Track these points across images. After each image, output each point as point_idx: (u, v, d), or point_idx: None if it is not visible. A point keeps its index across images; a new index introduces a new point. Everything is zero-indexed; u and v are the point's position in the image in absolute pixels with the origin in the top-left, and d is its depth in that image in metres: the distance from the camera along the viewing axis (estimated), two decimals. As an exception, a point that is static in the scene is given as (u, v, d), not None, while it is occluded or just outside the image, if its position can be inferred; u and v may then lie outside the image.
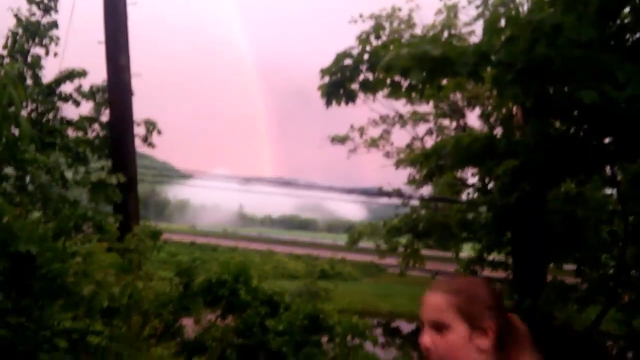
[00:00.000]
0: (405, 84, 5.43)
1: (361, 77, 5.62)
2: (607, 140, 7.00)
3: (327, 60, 5.66)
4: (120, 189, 8.16)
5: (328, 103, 5.77)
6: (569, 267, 11.64)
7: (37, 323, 5.46)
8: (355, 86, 5.79)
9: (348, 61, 5.55)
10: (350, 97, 5.76)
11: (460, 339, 1.45)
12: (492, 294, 1.57)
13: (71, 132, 9.46)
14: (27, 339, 5.33)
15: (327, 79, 5.69)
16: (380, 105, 18.83)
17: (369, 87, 5.70)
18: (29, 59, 8.38)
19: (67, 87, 9.28)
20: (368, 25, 17.50)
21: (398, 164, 20.47)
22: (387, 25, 18.20)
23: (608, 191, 11.28)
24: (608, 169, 8.48)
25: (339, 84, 5.61)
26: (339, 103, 5.77)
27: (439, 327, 1.47)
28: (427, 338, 1.49)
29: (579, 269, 10.27)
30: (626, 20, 6.00)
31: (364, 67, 5.54)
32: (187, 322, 8.60)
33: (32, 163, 6.51)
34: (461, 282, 1.59)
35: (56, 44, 8.72)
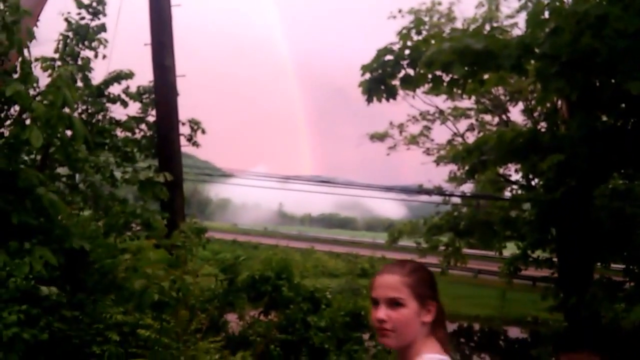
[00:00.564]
0: (447, 78, 5.41)
1: (402, 72, 5.63)
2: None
3: (365, 58, 5.68)
4: (167, 187, 8.36)
5: (369, 99, 5.78)
6: (617, 266, 11.31)
7: (90, 316, 5.67)
8: (395, 82, 5.79)
9: (389, 57, 5.56)
10: (391, 93, 5.77)
11: (412, 313, 1.67)
12: (434, 279, 1.80)
13: (119, 132, 9.75)
14: (81, 331, 5.55)
15: (367, 75, 5.72)
16: (419, 101, 18.67)
17: (410, 83, 5.70)
18: (79, 62, 8.66)
19: (115, 89, 9.56)
20: (407, 20, 17.49)
21: (438, 160, 20.27)
22: (427, 19, 18.10)
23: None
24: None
25: (380, 80, 5.62)
26: (379, 99, 5.78)
27: (394, 303, 1.67)
28: (382, 312, 1.66)
29: (627, 267, 9.94)
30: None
31: (404, 63, 5.54)
32: (231, 318, 8.77)
33: (85, 162, 6.75)
34: (413, 266, 1.78)
35: (105, 47, 8.98)
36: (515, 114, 18.32)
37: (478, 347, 17.37)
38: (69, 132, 5.88)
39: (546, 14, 5.30)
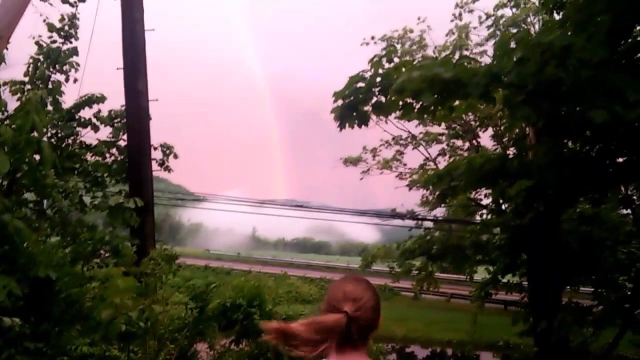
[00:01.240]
0: (417, 105, 5.49)
1: (374, 99, 5.69)
2: (620, 159, 6.97)
3: (339, 83, 5.74)
4: (137, 213, 8.24)
5: (341, 126, 5.82)
6: (586, 289, 11.48)
7: (54, 348, 5.51)
8: (367, 108, 5.85)
9: (361, 84, 5.62)
10: (363, 120, 5.82)
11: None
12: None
13: (90, 157, 9.63)
14: (45, 364, 5.38)
15: (340, 102, 5.76)
16: (392, 126, 18.93)
17: (382, 110, 5.76)
18: (50, 85, 8.57)
19: (86, 113, 9.48)
20: (380, 47, 17.87)
21: (411, 185, 20.45)
22: (398, 46, 18.48)
23: (624, 211, 11.18)
24: (623, 189, 8.41)
25: (352, 107, 5.67)
26: (352, 126, 5.83)
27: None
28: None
29: (596, 291, 10.10)
30: (638, 39, 6.02)
31: (376, 90, 5.61)
32: (202, 347, 8.58)
33: (53, 188, 6.62)
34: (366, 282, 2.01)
35: (76, 71, 8.93)
36: (485, 139, 18.69)
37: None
38: (37, 157, 5.77)
39: (513, 44, 5.44)
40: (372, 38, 19.00)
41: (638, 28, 6.15)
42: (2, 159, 4.84)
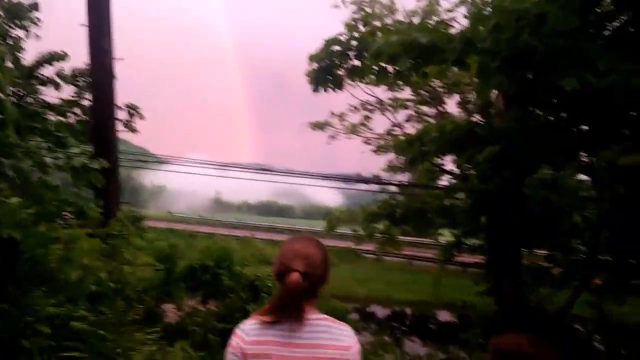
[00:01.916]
0: (392, 70, 5.48)
1: (349, 63, 5.65)
2: (584, 127, 7.16)
3: (307, 47, 5.68)
4: (102, 174, 8.06)
5: (316, 89, 5.78)
6: (541, 252, 11.88)
7: (20, 309, 5.41)
8: (342, 72, 5.81)
9: (336, 47, 5.57)
10: (337, 84, 5.79)
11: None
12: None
13: (51, 116, 9.31)
14: (10, 324, 5.29)
15: (314, 65, 5.70)
16: (360, 91, 18.87)
17: (357, 74, 5.73)
18: (9, 41, 8.20)
19: (47, 71, 9.13)
20: (350, 10, 17.66)
21: (378, 150, 20.59)
22: (369, 10, 18.29)
23: (581, 178, 11.53)
24: (584, 156, 8.65)
25: (327, 70, 5.63)
26: (326, 89, 5.80)
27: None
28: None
29: (551, 254, 10.47)
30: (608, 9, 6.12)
31: (351, 54, 5.57)
32: (169, 308, 8.58)
33: (15, 148, 6.39)
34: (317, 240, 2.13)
35: (37, 26, 8.55)
36: (452, 105, 18.87)
37: (410, 331, 17.87)
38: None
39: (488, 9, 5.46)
40: (343, 1, 18.72)
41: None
42: (-38, 117, 4.65)
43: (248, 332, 1.98)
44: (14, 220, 5.63)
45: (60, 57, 9.08)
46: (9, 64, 8.22)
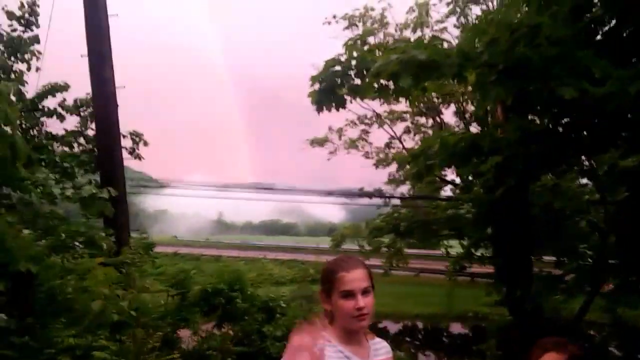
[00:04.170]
0: (393, 87, 5.62)
1: (349, 82, 5.79)
2: (583, 133, 7.27)
3: (300, 64, 5.83)
4: (110, 203, 8.16)
5: (318, 110, 5.91)
6: (549, 258, 11.90)
7: (40, 341, 5.47)
8: (343, 91, 5.95)
9: (337, 67, 5.70)
10: (340, 103, 5.92)
11: (373, 297, 2.03)
12: None
13: (57, 148, 9.43)
14: (32, 358, 5.34)
15: (316, 86, 5.84)
16: (356, 105, 19.04)
17: (358, 92, 5.86)
18: (12, 75, 8.34)
19: (49, 102, 9.26)
20: (342, 26, 17.89)
21: (378, 163, 20.71)
22: (360, 25, 18.53)
23: (583, 182, 11.62)
24: (585, 161, 8.75)
25: (329, 90, 5.75)
26: (329, 109, 5.92)
27: (365, 292, 2.00)
28: (362, 301, 1.98)
29: (558, 260, 10.49)
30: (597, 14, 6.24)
31: (352, 73, 5.70)
32: (184, 334, 8.61)
33: (24, 181, 6.49)
34: (361, 259, 2.17)
35: (38, 59, 8.70)
36: (448, 115, 19.02)
37: (422, 345, 17.80)
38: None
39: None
40: (334, 17, 18.94)
41: (596, 2, 6.37)
42: (-24, 154, 4.75)
43: None
44: (29, 253, 5.70)
45: (62, 88, 9.22)
46: (13, 98, 8.35)
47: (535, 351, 1.96)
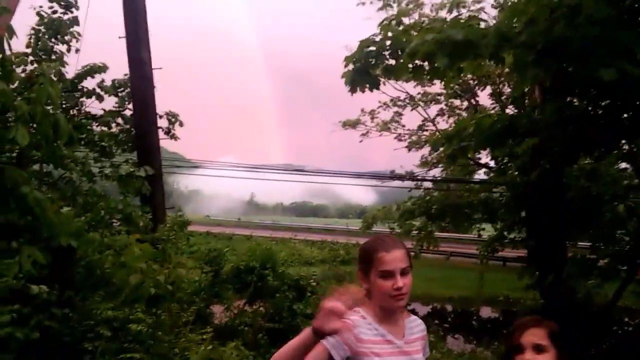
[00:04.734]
0: (428, 67, 5.56)
1: (384, 63, 5.75)
2: (625, 115, 7.08)
3: (334, 45, 5.81)
4: (147, 181, 8.34)
5: (352, 90, 5.89)
6: (584, 244, 11.71)
7: (80, 313, 5.69)
8: (377, 72, 5.91)
9: (371, 48, 5.67)
10: (374, 84, 5.89)
11: (411, 277, 2.07)
12: None
13: (95, 127, 9.65)
14: (72, 328, 5.56)
15: (350, 66, 5.82)
16: (390, 87, 18.82)
17: (392, 73, 5.82)
18: (52, 56, 8.53)
19: (88, 83, 9.45)
20: (376, 6, 17.64)
21: (410, 146, 20.53)
22: (394, 5, 18.23)
23: (622, 166, 11.32)
24: (625, 144, 8.52)
25: (363, 71, 5.73)
26: (363, 90, 5.90)
27: (404, 272, 2.03)
28: (400, 281, 2.00)
29: (594, 245, 10.29)
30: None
31: (386, 53, 5.66)
32: (217, 309, 8.83)
33: (67, 159, 6.69)
34: (400, 239, 2.21)
35: (77, 40, 8.86)
36: (484, 98, 18.67)
37: (451, 328, 17.78)
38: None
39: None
40: (368, -3, 18.65)
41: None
42: (21, 133, 4.91)
43: None
44: (69, 228, 5.89)
45: (101, 69, 9.37)
46: (54, 79, 8.56)
47: (515, 332, 1.99)
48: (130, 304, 5.96)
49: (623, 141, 8.33)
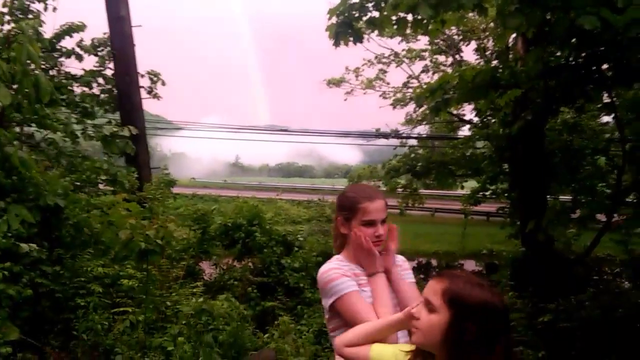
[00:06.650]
0: (411, 20, 5.53)
1: (367, 15, 5.70)
2: (605, 66, 7.12)
3: (316, 4, 5.75)
4: (131, 141, 8.32)
5: (336, 44, 5.85)
6: (565, 197, 11.91)
7: (70, 271, 5.76)
8: (361, 24, 5.88)
9: (354, 0, 5.62)
10: (358, 37, 5.86)
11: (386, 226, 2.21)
12: None
13: (76, 88, 9.51)
14: (63, 285, 5.64)
15: (333, 19, 5.77)
16: (374, 44, 18.63)
17: (375, 25, 5.79)
18: (29, 15, 8.34)
19: (67, 42, 9.26)
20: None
21: (395, 103, 20.48)
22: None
23: (604, 120, 11.46)
24: (605, 96, 8.59)
25: (347, 24, 5.69)
26: (346, 43, 5.87)
27: (384, 221, 2.17)
28: (382, 229, 2.14)
29: (575, 198, 10.48)
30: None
31: (370, 5, 5.61)
32: (206, 266, 8.96)
33: (48, 119, 6.64)
34: (379, 189, 2.35)
35: (54, -1, 8.66)
36: (468, 53, 18.58)
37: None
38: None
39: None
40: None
41: None
42: (3, 92, 4.86)
43: None
44: (55, 188, 5.90)
45: (79, 28, 9.18)
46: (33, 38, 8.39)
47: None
48: (120, 260, 6.05)
49: (605, 93, 8.42)
